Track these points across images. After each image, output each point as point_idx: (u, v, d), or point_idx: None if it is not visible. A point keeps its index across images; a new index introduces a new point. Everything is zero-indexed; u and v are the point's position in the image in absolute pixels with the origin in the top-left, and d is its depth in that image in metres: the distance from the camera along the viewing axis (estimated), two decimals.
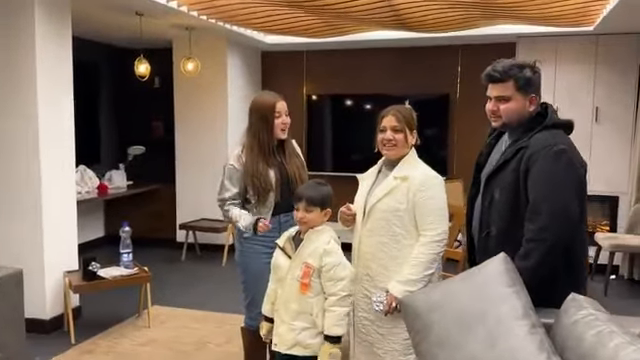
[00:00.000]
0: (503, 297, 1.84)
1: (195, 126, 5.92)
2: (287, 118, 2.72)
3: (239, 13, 4.57)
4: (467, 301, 1.94)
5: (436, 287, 2.29)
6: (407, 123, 2.35)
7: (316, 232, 2.26)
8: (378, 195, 2.33)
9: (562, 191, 1.98)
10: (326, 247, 2.22)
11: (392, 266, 2.31)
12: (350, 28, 5.20)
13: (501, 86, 2.11)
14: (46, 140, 3.66)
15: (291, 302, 2.24)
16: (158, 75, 6.10)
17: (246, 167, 2.65)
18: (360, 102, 6.21)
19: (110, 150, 6.33)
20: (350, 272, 2.25)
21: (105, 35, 5.72)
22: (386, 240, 2.32)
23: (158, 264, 5.23)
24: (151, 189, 6.10)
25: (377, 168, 2.48)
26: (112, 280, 3.73)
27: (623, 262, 5.07)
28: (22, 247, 3.66)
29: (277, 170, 2.67)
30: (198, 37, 5.44)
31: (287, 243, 2.33)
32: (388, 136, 2.33)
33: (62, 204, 3.85)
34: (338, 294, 2.20)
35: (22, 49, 3.57)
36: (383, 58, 6.05)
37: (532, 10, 4.23)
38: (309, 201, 2.24)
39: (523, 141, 2.06)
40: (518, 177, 2.04)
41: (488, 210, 2.14)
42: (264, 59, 6.50)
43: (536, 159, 1.99)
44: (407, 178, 2.29)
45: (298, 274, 2.22)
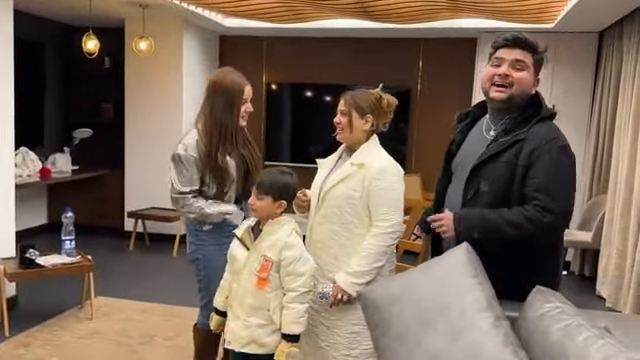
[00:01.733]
0: (466, 288, 1.75)
1: (147, 109, 5.66)
2: (250, 105, 2.48)
3: None
4: (428, 293, 1.85)
5: (396, 279, 2.19)
6: (356, 106, 2.22)
7: (277, 223, 2.12)
8: (334, 181, 2.23)
9: (568, 192, 1.87)
10: (287, 240, 2.08)
11: (341, 255, 2.22)
12: (312, 14, 5.06)
13: (522, 53, 1.92)
14: None
15: (247, 297, 2.09)
16: (108, 55, 5.79)
17: (204, 156, 2.39)
18: (320, 92, 6.09)
19: (55, 132, 5.97)
20: (311, 267, 2.11)
21: (52, 11, 5.37)
22: (337, 228, 2.22)
23: (104, 253, 4.97)
24: (98, 174, 5.79)
25: (338, 154, 2.38)
26: (52, 268, 3.48)
27: (574, 258, 5.16)
28: None
29: (237, 159, 2.46)
30: (152, 15, 5.18)
31: (246, 234, 2.17)
32: (336, 119, 2.26)
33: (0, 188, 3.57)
34: (298, 290, 2.06)
35: None
36: (345, 48, 5.94)
37: (497, 3, 4.22)
38: (259, 187, 2.10)
39: (520, 132, 1.88)
40: (513, 171, 1.87)
41: (471, 202, 1.96)
42: (222, 43, 6.29)
43: (540, 154, 1.84)
44: (364, 165, 2.18)
45: (256, 267, 2.08)
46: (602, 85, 4.92)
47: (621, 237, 4.05)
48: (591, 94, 5.19)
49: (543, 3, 4.24)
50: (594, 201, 4.87)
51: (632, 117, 4.01)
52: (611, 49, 4.75)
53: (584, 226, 4.87)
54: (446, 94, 5.69)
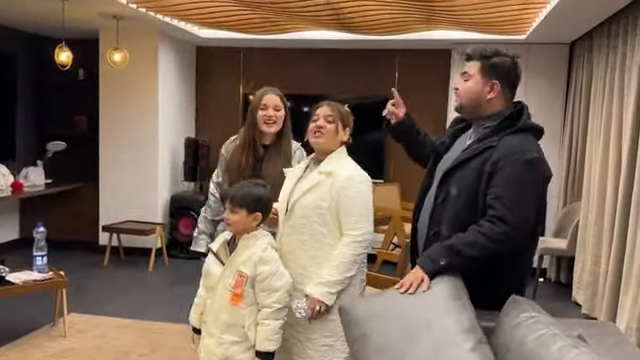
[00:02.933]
0: (449, 309, 1.78)
1: (122, 121, 5.59)
2: (275, 112, 2.57)
3: (170, 2, 4.33)
4: (412, 311, 1.87)
5: (379, 296, 2.19)
6: (341, 117, 2.25)
7: (252, 237, 2.09)
8: (301, 190, 2.20)
9: (526, 203, 1.88)
10: (262, 255, 2.06)
11: (310, 266, 2.18)
12: (289, 26, 5.08)
13: (469, 64, 2.05)
14: None
15: (221, 313, 2.06)
16: (82, 66, 5.72)
17: (227, 159, 2.66)
18: (299, 103, 6.08)
19: (27, 145, 5.84)
20: (287, 282, 2.08)
21: (24, 22, 5.28)
22: (306, 238, 2.18)
23: (78, 269, 4.86)
24: (72, 188, 5.68)
25: (305, 164, 2.36)
26: (22, 285, 3.39)
27: (550, 265, 5.23)
28: None
29: (251, 168, 2.54)
30: (127, 27, 5.12)
31: (221, 248, 2.13)
32: (319, 123, 2.22)
33: None
34: (273, 306, 2.04)
35: None
36: (322, 59, 5.97)
37: (469, 15, 4.29)
38: (232, 201, 2.07)
39: (491, 140, 1.94)
40: (480, 178, 1.92)
41: (441, 206, 2.01)
42: (199, 54, 6.26)
43: (504, 165, 1.87)
44: (332, 174, 2.17)
45: (230, 283, 2.04)
46: (574, 95, 5.02)
47: (595, 243, 4.12)
48: (563, 104, 5.29)
49: (515, 15, 4.32)
50: (568, 208, 4.95)
51: (603, 127, 4.09)
52: (582, 60, 4.86)
53: (559, 233, 4.94)
54: (422, 104, 5.70)
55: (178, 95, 5.94)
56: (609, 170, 3.94)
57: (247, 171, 2.53)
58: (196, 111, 6.31)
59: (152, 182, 5.59)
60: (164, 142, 5.67)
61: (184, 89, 6.06)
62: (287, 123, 2.63)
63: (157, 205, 5.60)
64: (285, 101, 2.65)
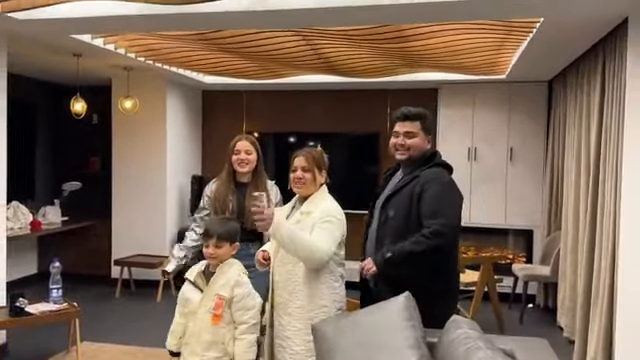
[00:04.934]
0: (400, 328, 2.09)
1: (133, 162, 6.01)
2: (246, 155, 3.06)
3: (176, 56, 4.78)
4: (371, 329, 2.19)
5: (346, 316, 2.51)
6: (316, 164, 2.58)
7: (227, 265, 2.45)
8: None
9: (452, 208, 2.45)
10: (237, 278, 2.41)
11: (298, 292, 2.48)
12: (286, 72, 5.50)
13: (411, 124, 2.61)
14: None
15: (203, 333, 2.38)
16: (96, 112, 6.18)
17: (214, 192, 3.08)
18: (300, 140, 6.45)
19: (45, 186, 6.29)
20: (258, 302, 2.44)
21: (43, 73, 5.79)
22: (291, 268, 2.50)
23: (92, 301, 5.21)
24: (86, 225, 6.08)
25: (292, 204, 2.70)
26: (40, 316, 3.73)
27: (539, 292, 5.46)
28: None
29: (235, 198, 3.00)
30: (137, 76, 5.59)
31: (198, 277, 2.48)
32: (298, 175, 2.56)
33: None
34: (248, 322, 2.39)
35: None
36: (319, 99, 6.37)
37: (448, 61, 4.66)
38: (219, 237, 2.41)
39: (418, 171, 2.55)
40: (412, 199, 2.47)
41: (383, 227, 2.54)
42: (204, 97, 6.71)
43: (430, 185, 2.46)
44: (310, 213, 2.50)
45: (210, 305, 2.37)
46: (553, 130, 5.33)
47: (572, 270, 4.36)
48: (545, 139, 5.59)
49: (491, 59, 4.68)
50: (551, 237, 5.20)
51: (574, 160, 4.39)
52: (559, 97, 5.19)
53: (544, 260, 5.18)
54: None
55: (185, 136, 6.36)
56: (580, 201, 4.21)
57: (232, 202, 2.98)
58: (202, 150, 6.72)
59: (161, 218, 5.97)
60: (172, 180, 6.07)
61: (191, 130, 6.49)
62: (260, 164, 3.11)
63: (165, 239, 5.96)
64: (257, 146, 3.12)
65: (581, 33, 3.65)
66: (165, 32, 3.91)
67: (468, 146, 5.74)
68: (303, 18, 3.31)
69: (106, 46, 4.32)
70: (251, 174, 3.09)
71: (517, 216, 5.65)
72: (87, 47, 4.28)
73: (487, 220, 5.62)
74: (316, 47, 4.23)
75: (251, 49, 4.30)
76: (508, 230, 5.82)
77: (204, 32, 3.85)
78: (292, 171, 2.59)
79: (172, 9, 3.21)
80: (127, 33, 4.09)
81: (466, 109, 5.75)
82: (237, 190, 3.05)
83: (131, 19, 3.38)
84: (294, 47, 4.24)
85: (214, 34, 3.89)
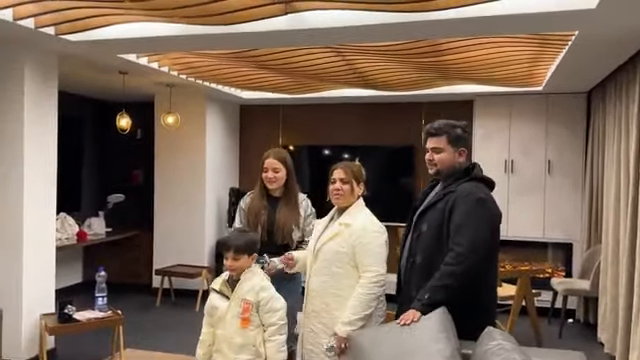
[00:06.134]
0: (436, 339, 2.12)
1: (174, 175, 6.21)
2: (273, 174, 3.06)
3: (215, 73, 4.95)
4: (407, 341, 2.23)
5: (382, 327, 2.56)
6: (354, 176, 2.67)
7: (250, 272, 2.56)
8: (325, 238, 2.64)
9: (480, 230, 2.37)
10: (262, 283, 2.53)
11: (333, 303, 2.58)
12: (321, 87, 5.61)
13: (436, 139, 2.58)
14: (29, 188, 3.90)
15: (234, 337, 2.49)
16: (140, 127, 6.42)
17: (248, 205, 3.13)
18: (335, 152, 6.55)
19: (91, 198, 6.57)
20: (284, 304, 2.54)
21: (90, 90, 6.07)
22: (327, 279, 2.59)
23: (133, 309, 5.38)
24: (129, 236, 6.30)
25: (330, 216, 2.79)
26: (86, 322, 3.90)
27: (578, 306, 5.34)
28: (1, 289, 3.83)
29: (266, 212, 3.05)
30: (178, 92, 5.80)
31: (223, 286, 2.58)
32: (337, 186, 2.66)
33: (41, 249, 4.06)
34: (277, 323, 2.49)
35: (12, 102, 3.86)
36: (354, 112, 6.45)
37: (483, 73, 4.67)
38: (237, 250, 2.51)
39: (451, 187, 2.51)
40: (443, 215, 2.44)
41: (416, 242, 2.53)
42: (242, 112, 6.88)
43: (460, 203, 2.41)
44: (349, 225, 2.59)
45: (238, 311, 2.49)
46: (592, 142, 5.24)
47: (613, 284, 4.27)
48: (584, 151, 5.50)
49: (526, 71, 4.67)
50: (591, 251, 5.10)
51: (614, 173, 4.31)
52: (598, 108, 5.11)
53: (584, 274, 5.08)
54: None
55: (223, 149, 6.54)
56: (621, 214, 4.14)
57: (264, 216, 3.04)
58: (239, 163, 6.89)
59: (200, 229, 6.13)
60: (210, 192, 6.24)
61: (229, 144, 6.67)
62: (290, 179, 3.12)
63: (204, 250, 6.12)
64: (287, 161, 3.11)
65: (617, 45, 3.62)
66: (205, 51, 4.07)
67: (505, 158, 5.70)
68: (338, 35, 3.40)
69: (150, 64, 4.52)
70: (283, 188, 3.13)
71: (555, 229, 5.56)
72: (133, 66, 4.49)
73: (525, 233, 5.55)
74: (351, 62, 4.32)
75: (287, 65, 4.42)
76: (546, 243, 5.73)
77: (242, 50, 4.00)
78: (331, 183, 2.68)
79: (212, 29, 3.36)
80: (170, 52, 4.27)
81: (502, 121, 5.73)
82: (269, 204, 3.09)
83: (174, 39, 3.55)
84: (329, 62, 4.34)
85: (251, 52, 4.03)
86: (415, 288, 2.44)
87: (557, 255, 5.76)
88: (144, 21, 3.43)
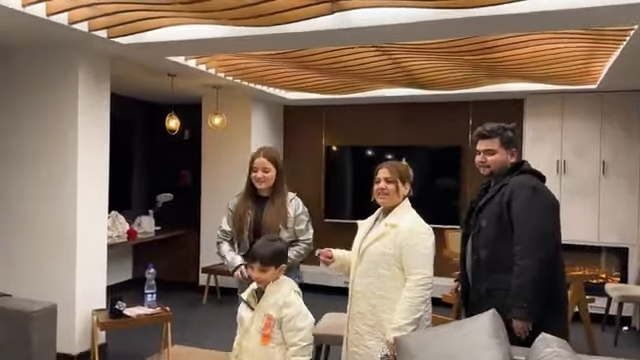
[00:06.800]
0: (485, 345, 2.06)
1: (220, 176, 6.30)
2: (262, 173, 2.99)
3: (261, 74, 4.99)
4: (455, 345, 2.17)
5: (429, 330, 2.51)
6: (399, 176, 2.63)
7: (276, 284, 2.41)
8: (370, 239, 2.60)
9: (541, 217, 2.42)
10: (286, 299, 2.36)
11: (379, 305, 2.53)
12: (365, 86, 5.57)
13: (489, 142, 2.62)
14: (83, 188, 4.03)
15: (255, 352, 2.37)
16: (188, 128, 6.55)
17: (235, 206, 3.08)
18: (378, 153, 6.50)
19: (141, 197, 6.75)
20: (310, 322, 2.38)
21: (140, 92, 6.24)
22: (373, 280, 2.55)
23: (180, 306, 5.48)
24: (177, 234, 6.44)
25: (375, 216, 2.75)
26: (136, 318, 4.00)
27: (635, 314, 5.10)
28: (56, 285, 3.97)
29: (253, 213, 2.99)
30: (224, 94, 5.89)
31: (250, 296, 2.47)
32: (381, 185, 2.62)
33: (94, 247, 4.19)
34: (298, 344, 2.31)
35: (67, 105, 4.00)
36: (399, 112, 6.38)
37: (534, 71, 4.52)
38: (263, 262, 2.37)
39: (505, 180, 2.58)
40: (501, 208, 2.50)
41: (477, 237, 2.58)
42: (286, 113, 6.93)
43: (517, 193, 2.47)
44: (396, 226, 2.54)
45: (260, 325, 2.36)
46: None
47: None
48: None
49: (581, 68, 4.49)
50: None
51: None
52: None
53: None
54: None
55: None
56: None
57: (250, 217, 2.99)
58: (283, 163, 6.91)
59: None
60: None
61: (273, 144, 6.70)
62: (279, 179, 3.04)
63: None
64: (276, 161, 3.05)
65: None
66: (252, 52, 4.11)
67: (557, 159, 5.50)
68: (385, 34, 3.36)
69: (198, 67, 4.60)
70: (271, 188, 3.04)
71: (610, 233, 5.32)
72: (181, 68, 4.58)
73: (578, 237, 5.32)
74: (397, 61, 4.26)
75: (332, 65, 4.41)
76: (600, 248, 5.49)
77: (288, 51, 4.01)
78: (375, 182, 2.65)
79: (260, 30, 3.38)
80: (218, 54, 4.33)
81: (554, 120, 5.53)
82: (256, 204, 3.02)
83: (222, 41, 3.59)
84: (375, 61, 4.30)
85: (297, 52, 4.04)
86: (483, 282, 2.51)
87: (611, 260, 5.52)
88: (192, 23, 3.49)
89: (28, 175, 4.09)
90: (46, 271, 4.03)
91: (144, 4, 3.11)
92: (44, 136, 4.05)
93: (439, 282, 3.22)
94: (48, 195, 4.04)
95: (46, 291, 3.80)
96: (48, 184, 4.04)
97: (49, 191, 4.04)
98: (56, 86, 4.02)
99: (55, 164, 4.03)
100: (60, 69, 4.01)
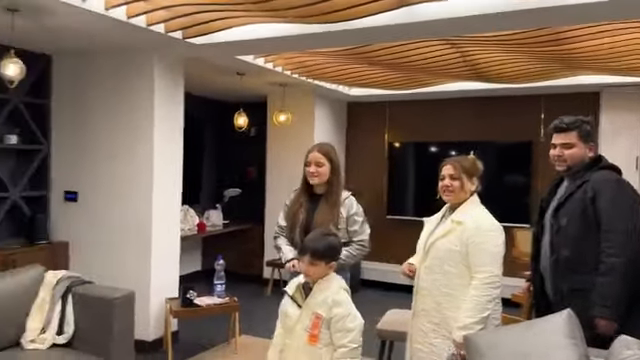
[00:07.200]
0: (559, 345, 2.00)
1: (284, 171, 6.41)
2: (315, 168, 2.92)
3: (326, 71, 5.04)
4: (527, 345, 2.12)
5: (500, 330, 2.46)
6: (465, 171, 2.58)
7: (325, 281, 2.27)
8: (436, 236, 2.57)
9: (629, 212, 2.33)
10: (335, 297, 2.22)
11: (445, 302, 2.50)
12: (430, 81, 5.49)
13: (566, 135, 2.53)
14: (158, 182, 4.24)
15: (300, 353, 2.24)
16: (254, 125, 6.71)
17: (291, 201, 3.07)
18: (442, 149, 6.40)
19: (209, 191, 6.99)
20: (360, 323, 2.23)
21: (209, 91, 6.46)
22: (439, 277, 2.52)
23: (246, 298, 5.63)
24: (243, 228, 6.62)
25: (442, 213, 2.72)
26: (206, 307, 4.16)
27: None
28: (132, 275, 4.20)
29: (305, 211, 2.94)
30: (289, 91, 5.98)
31: (297, 291, 2.33)
32: (446, 183, 2.59)
33: (168, 238, 4.40)
34: (348, 346, 2.17)
35: (144, 103, 4.21)
36: (464, 107, 6.24)
37: (612, 63, 4.30)
38: (313, 255, 2.24)
39: (584, 176, 2.48)
40: (585, 205, 2.41)
41: (556, 236, 2.49)
42: (349, 109, 6.95)
43: (602, 189, 2.39)
44: (462, 223, 2.50)
45: (307, 324, 2.22)
46: None
47: None
48: None
49: None
50: None
51: None
52: None
53: None
54: None
55: None
56: None
57: (302, 215, 2.94)
58: (346, 160, 6.95)
59: None
60: None
61: (336, 140, 6.74)
62: (334, 176, 2.93)
63: None
64: (331, 156, 2.96)
65: None
66: (318, 49, 4.15)
67: (636, 155, 5.21)
68: (453, 27, 3.31)
69: (265, 65, 4.70)
70: (326, 185, 2.94)
71: None
72: (250, 66, 4.70)
73: None
74: (465, 54, 4.18)
75: (398, 60, 4.38)
76: None
77: (354, 47, 4.03)
78: (440, 179, 2.62)
79: (327, 27, 3.42)
80: (285, 52, 4.41)
81: (632, 114, 5.24)
82: (310, 202, 2.95)
83: (290, 39, 3.66)
84: (442, 55, 4.24)
85: (363, 48, 4.05)
86: (564, 282, 2.43)
87: None
88: (261, 22, 3.57)
89: (106, 169, 4.35)
90: (123, 261, 4.27)
91: (217, 4, 3.22)
92: (121, 133, 4.29)
93: (508, 282, 3.14)
94: (126, 189, 4.28)
95: (123, 280, 4.00)
96: (125, 178, 4.28)
97: (127, 185, 4.28)
98: (134, 86, 4.25)
99: (132, 160, 4.26)
100: (138, 69, 4.22)
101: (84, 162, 4.43)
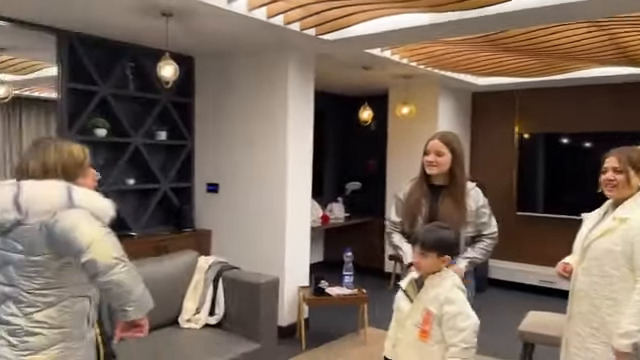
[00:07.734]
0: None
1: (404, 164, 6.34)
2: (435, 157, 2.67)
3: (454, 60, 4.91)
4: None
5: None
6: (631, 164, 2.35)
7: (438, 277, 2.20)
8: (595, 234, 2.37)
9: None
10: (448, 295, 2.15)
11: (604, 306, 2.30)
12: (568, 67, 5.14)
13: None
14: (292, 174, 4.41)
15: (410, 348, 2.21)
16: (374, 119, 6.72)
17: (407, 194, 2.79)
18: (578, 140, 5.97)
19: (331, 185, 7.15)
20: (473, 323, 2.14)
21: (332, 86, 6.57)
22: (597, 280, 2.33)
23: (369, 290, 5.68)
24: (364, 221, 6.68)
25: (604, 209, 2.51)
26: (336, 297, 4.27)
27: None
28: (268, 262, 4.41)
29: (428, 203, 2.69)
30: (413, 83, 5.91)
31: (410, 286, 2.29)
32: (609, 176, 2.38)
33: (300, 228, 4.57)
34: (459, 345, 2.10)
35: (278, 100, 4.40)
36: (606, 94, 5.76)
37: None
38: (424, 245, 2.18)
39: None
40: None
41: None
42: (474, 99, 6.72)
43: None
44: (626, 220, 2.28)
45: (418, 320, 2.18)
46: None
47: None
48: None
49: None
50: None
51: None
52: None
53: None
54: None
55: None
56: None
57: (424, 207, 2.68)
58: (470, 152, 6.73)
59: None
60: None
61: (459, 132, 6.54)
62: (456, 166, 2.67)
63: None
64: (453, 145, 2.68)
65: None
66: (452, 38, 4.06)
67: None
68: (608, 5, 3.06)
69: (392, 56, 4.69)
70: (447, 176, 2.69)
71: None
72: (376, 60, 4.72)
73: None
74: (614, 36, 3.85)
75: (534, 46, 4.15)
76: None
77: (489, 34, 3.88)
78: (602, 172, 2.43)
79: (463, 14, 3.33)
80: (417, 42, 4.35)
81: None
82: (431, 193, 2.70)
83: (422, 29, 3.62)
84: (586, 39, 3.94)
85: (498, 34, 3.89)
86: None
87: None
88: (393, 14, 3.56)
89: (244, 157, 4.62)
90: (260, 248, 4.50)
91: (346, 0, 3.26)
92: (258, 127, 4.52)
93: None
94: (262, 177, 4.51)
95: (260, 266, 4.16)
96: (262, 166, 4.50)
97: (263, 173, 4.50)
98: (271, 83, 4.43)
99: (269, 152, 4.46)
100: (274, 66, 4.40)
101: (223, 153, 4.75)
